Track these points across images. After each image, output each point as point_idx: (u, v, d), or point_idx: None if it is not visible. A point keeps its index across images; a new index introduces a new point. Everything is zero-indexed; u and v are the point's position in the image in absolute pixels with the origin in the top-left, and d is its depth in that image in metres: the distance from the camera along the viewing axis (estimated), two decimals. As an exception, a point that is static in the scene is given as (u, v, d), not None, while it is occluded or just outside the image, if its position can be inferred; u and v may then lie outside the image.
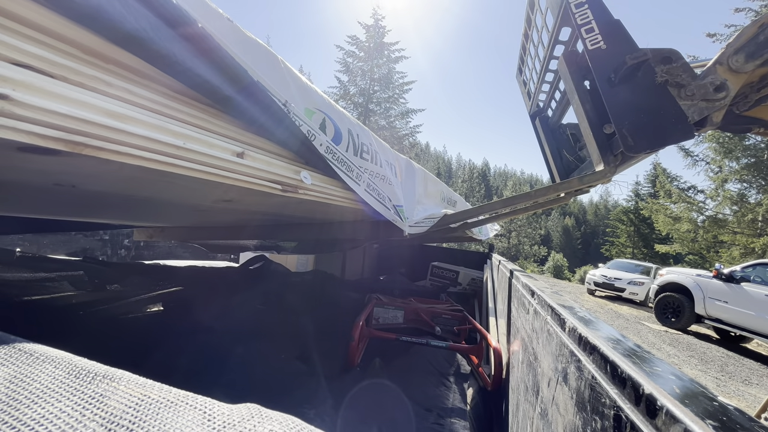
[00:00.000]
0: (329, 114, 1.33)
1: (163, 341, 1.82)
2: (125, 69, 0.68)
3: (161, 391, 0.25)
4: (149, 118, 0.73)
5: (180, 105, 0.81)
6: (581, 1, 1.65)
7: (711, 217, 15.85)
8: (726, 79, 1.53)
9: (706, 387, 0.40)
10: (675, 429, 0.32)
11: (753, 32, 1.53)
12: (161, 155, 0.76)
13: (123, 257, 4.83)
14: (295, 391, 1.30)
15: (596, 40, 1.63)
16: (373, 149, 1.69)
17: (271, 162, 1.09)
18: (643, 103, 1.58)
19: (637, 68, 1.57)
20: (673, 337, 8.02)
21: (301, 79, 1.23)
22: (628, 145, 1.55)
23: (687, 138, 1.55)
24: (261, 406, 0.28)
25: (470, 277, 4.25)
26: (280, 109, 1.01)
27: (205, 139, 0.87)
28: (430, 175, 2.96)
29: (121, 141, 0.68)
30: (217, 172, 0.91)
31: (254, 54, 1.02)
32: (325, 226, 2.72)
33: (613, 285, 13.02)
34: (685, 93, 1.54)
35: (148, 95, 0.73)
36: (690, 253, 18.03)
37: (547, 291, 1.14)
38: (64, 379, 0.24)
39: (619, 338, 0.60)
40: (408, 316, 2.66)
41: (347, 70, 22.34)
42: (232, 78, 0.85)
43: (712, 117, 1.57)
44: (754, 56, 1.50)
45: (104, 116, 0.64)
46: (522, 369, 1.21)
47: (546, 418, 0.79)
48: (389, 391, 1.68)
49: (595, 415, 0.49)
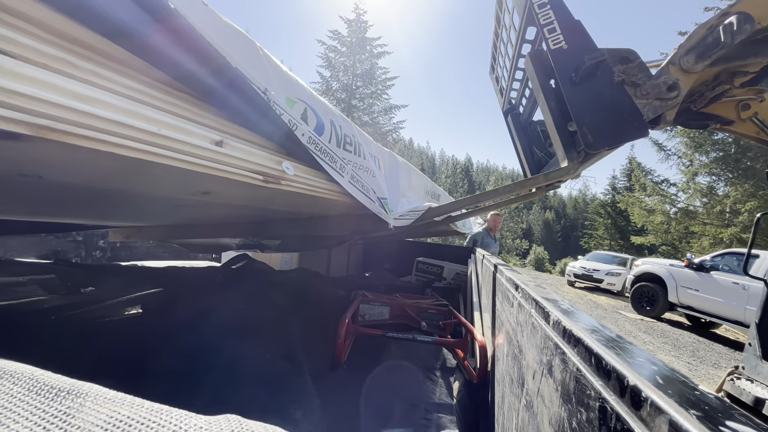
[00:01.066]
0: (311, 104, 1.30)
1: (143, 344, 1.76)
2: (93, 51, 0.64)
3: (132, 407, 0.23)
4: (121, 102, 0.69)
5: (154, 91, 0.77)
6: (544, 2, 1.68)
7: (683, 209, 16.54)
8: (678, 79, 1.60)
9: (687, 377, 0.40)
10: (660, 420, 0.32)
11: (702, 33, 1.60)
12: (135, 141, 0.72)
13: (98, 259, 4.65)
14: (282, 392, 1.28)
15: (558, 40, 1.67)
16: (357, 141, 1.67)
17: (251, 152, 1.05)
18: (602, 102, 1.62)
19: (596, 68, 1.62)
20: (648, 325, 8.34)
21: (282, 68, 1.20)
22: (588, 143, 1.60)
23: (642, 135, 1.61)
24: (241, 417, 0.27)
25: (455, 271, 4.30)
26: (260, 97, 0.97)
27: (182, 126, 0.83)
28: (413, 169, 2.96)
29: (90, 125, 0.63)
30: (194, 161, 0.87)
31: (233, 40, 0.99)
32: (309, 222, 2.69)
33: (592, 276, 13.44)
34: (640, 92, 1.60)
35: (118, 79, 0.69)
36: (663, 244, 18.79)
37: (531, 284, 1.15)
38: (23, 396, 0.22)
39: (599, 328, 0.61)
40: (394, 312, 2.67)
41: (329, 66, 22.08)
42: (209, 64, 0.81)
43: (665, 115, 1.65)
44: (704, 57, 1.57)
45: (71, 99, 0.60)
46: (507, 362, 1.22)
47: (531, 409, 0.80)
48: (376, 388, 1.68)
49: (580, 406, 0.50)
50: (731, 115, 2.20)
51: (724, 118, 2.22)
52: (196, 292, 2.50)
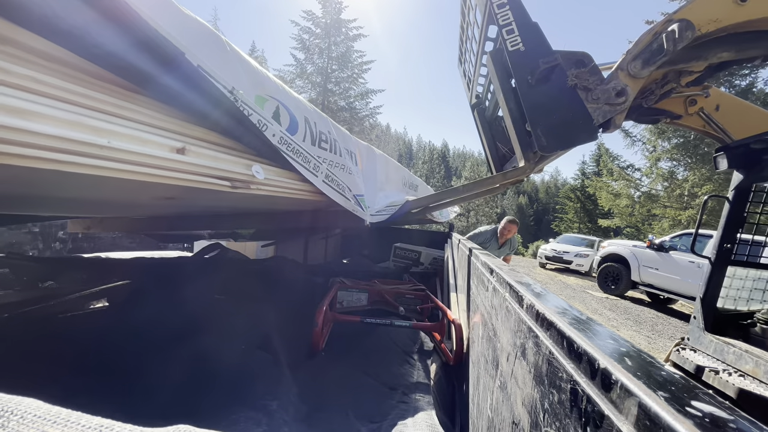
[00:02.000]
0: (284, 101, 1.24)
1: (109, 340, 1.68)
2: (28, 52, 0.55)
3: (66, 425, 0.20)
4: (62, 113, 0.61)
5: (104, 95, 0.68)
6: (503, 2, 1.68)
7: (646, 193, 17.42)
8: (627, 85, 1.65)
9: (654, 357, 0.41)
10: (630, 402, 0.32)
11: (648, 40, 1.66)
12: (80, 156, 0.64)
13: (58, 251, 4.39)
14: (257, 383, 1.26)
15: (516, 42, 1.68)
16: (332, 138, 1.63)
17: (217, 156, 0.97)
18: (556, 105, 1.66)
19: (551, 71, 1.65)
20: (613, 303, 8.83)
21: (252, 64, 1.12)
22: (542, 145, 1.64)
23: (592, 139, 1.66)
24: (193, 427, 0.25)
25: (432, 256, 4.35)
26: (226, 97, 0.89)
27: (137, 135, 0.74)
28: (391, 161, 2.94)
29: (23, 142, 0.56)
30: (152, 172, 0.79)
31: (195, 35, 0.90)
32: (285, 216, 2.62)
33: (562, 258, 14.02)
34: (591, 96, 1.64)
35: (59, 84, 0.61)
36: (628, 226, 19.80)
37: (505, 268, 1.17)
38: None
39: (571, 311, 0.62)
40: (372, 298, 2.67)
41: (304, 48, 21.36)
42: (165, 63, 0.73)
43: (615, 119, 1.70)
44: (649, 63, 1.63)
45: (5, 114, 0.52)
46: (482, 344, 1.25)
47: (505, 390, 0.82)
48: (355, 374, 1.69)
49: (552, 388, 0.51)
50: (680, 110, 2.33)
51: (674, 113, 2.35)
52: (167, 283, 2.41)
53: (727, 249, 3.15)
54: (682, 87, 1.99)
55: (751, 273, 3.47)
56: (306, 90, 21.41)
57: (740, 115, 2.55)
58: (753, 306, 3.48)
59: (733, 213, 3.11)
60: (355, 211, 1.79)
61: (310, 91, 21.35)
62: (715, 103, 2.42)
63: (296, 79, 21.28)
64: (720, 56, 1.69)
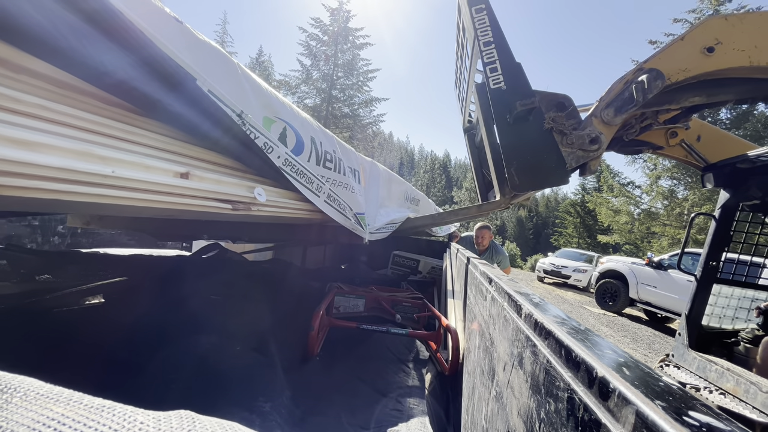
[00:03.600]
0: (291, 122, 1.25)
1: (103, 335, 1.67)
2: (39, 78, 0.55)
3: (68, 404, 0.20)
4: (68, 143, 0.60)
5: (111, 120, 0.68)
6: (489, 40, 1.71)
7: (645, 210, 17.46)
8: (601, 133, 1.68)
9: (652, 368, 0.42)
10: (627, 410, 0.32)
11: (619, 89, 1.69)
12: (83, 185, 0.63)
13: (57, 245, 4.37)
14: (251, 384, 1.25)
15: (498, 80, 1.70)
16: (337, 157, 1.65)
17: (220, 180, 0.97)
18: (531, 146, 1.69)
19: (529, 113, 1.68)
20: (610, 320, 8.79)
21: (262, 86, 1.13)
22: (514, 184, 1.68)
23: (563, 182, 1.71)
24: (195, 414, 0.25)
25: (430, 265, 4.34)
26: (234, 122, 0.89)
27: (142, 161, 0.73)
28: (394, 176, 2.97)
29: (28, 174, 0.55)
30: (155, 198, 0.78)
31: (207, 59, 0.89)
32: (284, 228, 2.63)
33: (560, 272, 13.99)
34: (566, 141, 1.67)
35: (68, 111, 0.60)
36: (627, 243, 19.81)
37: (504, 278, 1.17)
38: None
39: (569, 321, 0.62)
40: (369, 305, 2.66)
41: (310, 54, 21.59)
42: (176, 89, 0.73)
43: (589, 165, 1.74)
44: (622, 111, 1.66)
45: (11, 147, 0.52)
46: (479, 354, 1.24)
47: (501, 400, 0.82)
48: (349, 380, 1.68)
49: (549, 397, 0.50)
50: (661, 142, 2.39)
51: (655, 144, 2.40)
52: (164, 281, 2.40)
53: (712, 267, 3.18)
54: (660, 123, 2.05)
55: (736, 291, 3.50)
56: (311, 96, 21.58)
57: (720, 144, 2.63)
58: (737, 324, 3.50)
59: (719, 231, 3.13)
60: (354, 230, 1.81)
61: (315, 97, 21.52)
62: (696, 134, 2.49)
63: (301, 84, 21.48)
64: (691, 101, 1.75)
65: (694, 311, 3.21)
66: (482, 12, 1.69)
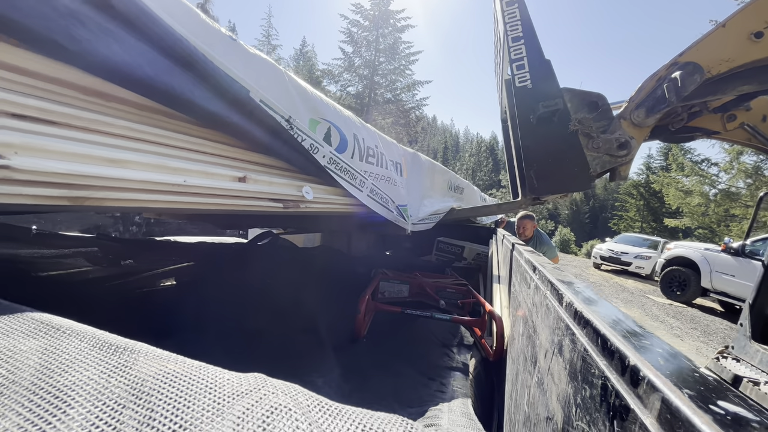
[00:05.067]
0: (335, 122, 1.32)
1: (177, 314, 1.90)
2: (126, 104, 0.66)
3: (176, 363, 0.27)
4: (148, 158, 0.70)
5: (178, 134, 0.78)
6: (518, 35, 1.61)
7: (724, 191, 15.55)
8: (631, 137, 1.54)
9: (692, 360, 0.42)
10: (654, 397, 0.34)
11: (651, 86, 1.52)
12: (161, 194, 0.74)
13: (134, 234, 4.94)
14: (304, 361, 1.37)
15: (524, 78, 1.61)
16: (379, 151, 1.69)
17: (272, 181, 1.07)
18: (553, 149, 1.60)
19: (553, 114, 1.57)
20: (677, 310, 8.09)
21: (307, 90, 1.20)
22: (533, 187, 1.62)
23: (584, 189, 1.59)
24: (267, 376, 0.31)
25: (475, 251, 4.29)
26: (282, 128, 0.98)
27: (206, 170, 0.84)
28: (437, 165, 2.95)
29: (120, 188, 0.66)
30: (218, 202, 0.89)
31: (258, 70, 0.98)
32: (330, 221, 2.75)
33: (620, 259, 13.04)
34: (592, 144, 1.56)
35: (148, 129, 0.71)
36: (700, 227, 17.86)
37: (548, 266, 1.15)
38: (89, 350, 0.26)
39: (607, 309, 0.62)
40: (413, 290, 2.72)
41: (352, 41, 21.63)
42: (233, 102, 0.82)
43: (619, 171, 1.60)
44: (654, 111, 1.50)
45: (105, 165, 0.62)
46: (522, 341, 1.25)
47: (542, 386, 0.83)
48: (394, 362, 1.75)
49: (584, 384, 0.52)
50: (716, 127, 2.07)
51: (709, 130, 2.09)
52: (225, 266, 2.64)
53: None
54: (710, 111, 1.81)
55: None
56: (353, 83, 21.71)
57: None
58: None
59: None
60: (397, 222, 1.86)
61: (357, 84, 21.62)
62: (761, 113, 2.12)
63: (344, 72, 21.65)
64: (740, 90, 1.52)
65: (760, 300, 2.92)
66: (513, 5, 1.61)
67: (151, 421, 0.23)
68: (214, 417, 0.24)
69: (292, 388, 0.32)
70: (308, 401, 0.29)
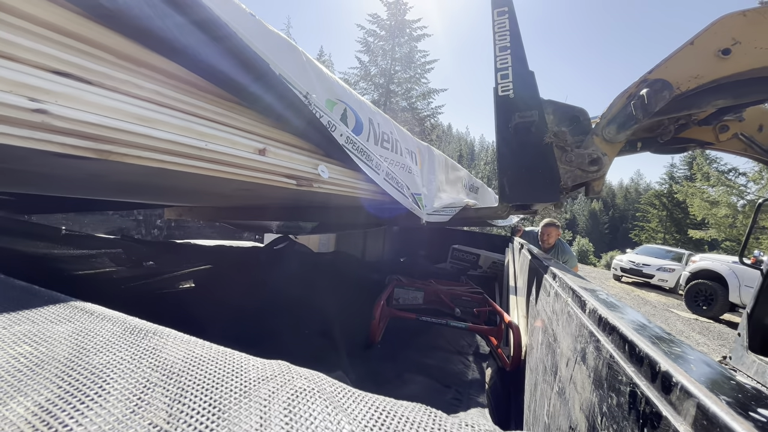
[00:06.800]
0: (351, 104, 1.34)
1: (195, 315, 1.93)
2: (156, 71, 0.70)
3: (203, 348, 0.28)
4: (175, 119, 0.74)
5: (205, 103, 0.82)
6: (505, 46, 1.64)
7: (753, 202, 14.89)
8: (604, 153, 1.56)
9: (726, 368, 0.40)
10: (688, 403, 0.32)
11: (622, 103, 1.53)
12: (183, 158, 0.78)
13: (156, 236, 5.09)
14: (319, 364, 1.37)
15: (507, 88, 1.64)
16: (394, 138, 1.70)
17: (290, 156, 1.10)
18: (527, 159, 1.63)
19: (531, 125, 1.60)
20: (704, 326, 7.74)
21: (323, 70, 1.23)
22: (503, 194, 1.65)
23: (553, 201, 1.61)
24: (290, 363, 0.31)
25: (491, 260, 4.23)
26: (302, 102, 1.01)
27: (228, 137, 0.88)
28: (451, 161, 2.93)
29: (145, 145, 0.70)
30: (237, 171, 0.92)
31: (276, 47, 1.03)
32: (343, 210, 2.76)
33: (641, 271, 12.60)
34: (565, 158, 1.58)
35: (175, 95, 0.75)
36: (727, 239, 17.12)
37: (569, 274, 1.13)
38: (120, 334, 0.27)
39: (631, 314, 0.60)
40: (428, 298, 2.70)
41: (368, 50, 21.91)
42: (255, 73, 0.86)
43: (592, 185, 1.62)
44: (625, 127, 1.52)
45: (133, 121, 0.66)
46: (541, 350, 1.21)
47: (563, 396, 0.80)
48: (408, 368, 1.74)
49: (611, 392, 0.50)
50: (709, 138, 2.00)
51: (702, 141, 2.02)
52: (242, 270, 2.68)
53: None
54: (695, 123, 1.78)
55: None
56: (369, 92, 21.93)
57: None
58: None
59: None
60: (412, 209, 1.84)
61: (373, 93, 21.83)
62: (756, 123, 2.01)
63: (360, 81, 21.91)
64: (715, 104, 1.51)
65: (758, 309, 2.78)
66: (504, 15, 1.63)
67: (182, 398, 0.24)
68: (241, 398, 0.25)
69: (316, 375, 0.32)
70: (332, 387, 0.29)
